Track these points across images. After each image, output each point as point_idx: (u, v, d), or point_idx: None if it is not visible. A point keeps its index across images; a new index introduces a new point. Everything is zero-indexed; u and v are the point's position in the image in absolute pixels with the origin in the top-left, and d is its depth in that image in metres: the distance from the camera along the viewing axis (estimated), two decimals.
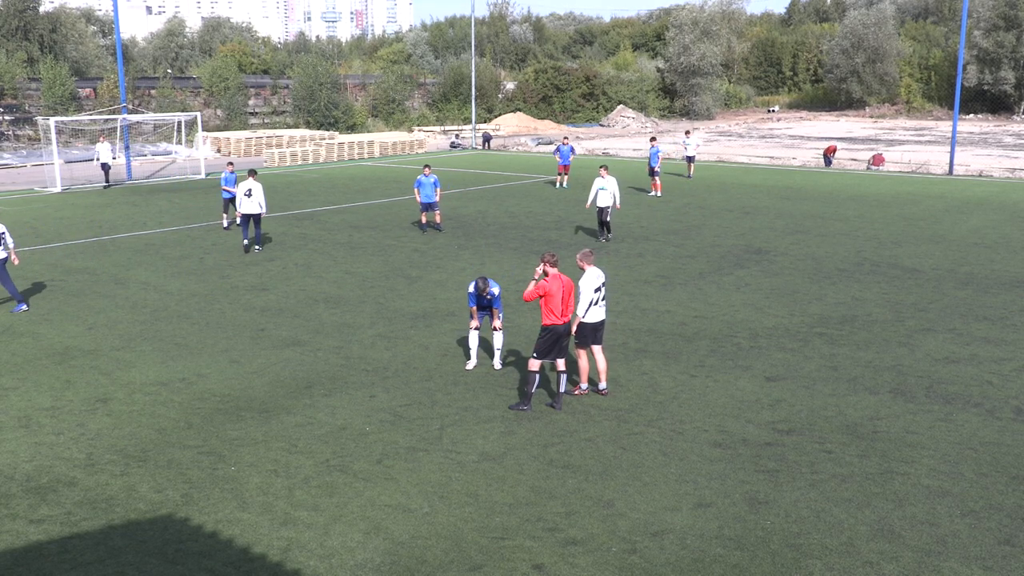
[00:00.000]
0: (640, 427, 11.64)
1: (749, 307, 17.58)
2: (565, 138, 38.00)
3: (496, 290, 13.67)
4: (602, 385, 12.82)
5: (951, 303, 17.91)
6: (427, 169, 25.69)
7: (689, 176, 39.09)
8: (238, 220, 25.61)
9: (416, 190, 25.65)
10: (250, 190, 22.87)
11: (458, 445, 11.09)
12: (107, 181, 36.72)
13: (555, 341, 12.14)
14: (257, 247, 23.27)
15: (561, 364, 12.29)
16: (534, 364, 12.13)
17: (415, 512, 9.41)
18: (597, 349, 12.79)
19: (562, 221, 27.77)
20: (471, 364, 13.96)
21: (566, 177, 36.22)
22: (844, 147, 53.84)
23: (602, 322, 12.79)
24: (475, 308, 13.81)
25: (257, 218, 23.05)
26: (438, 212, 25.90)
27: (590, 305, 12.48)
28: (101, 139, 37.79)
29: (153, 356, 14.65)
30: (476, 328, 13.83)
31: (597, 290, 12.55)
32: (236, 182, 25.92)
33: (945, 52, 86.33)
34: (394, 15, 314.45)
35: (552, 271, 12.14)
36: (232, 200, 25.99)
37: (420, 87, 77.97)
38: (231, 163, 27.25)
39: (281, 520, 9.27)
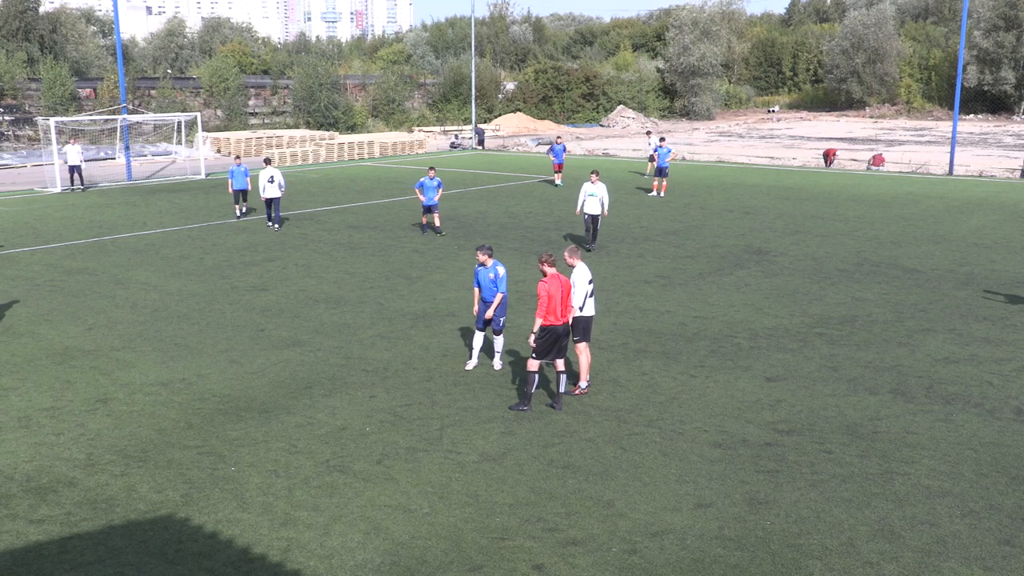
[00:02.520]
0: (640, 427, 11.64)
1: (749, 307, 17.58)
2: (558, 137, 39.15)
3: (501, 270, 13.56)
4: (582, 383, 12.83)
5: (951, 303, 17.91)
6: (431, 171, 25.73)
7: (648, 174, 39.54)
8: (243, 210, 28.66)
9: (417, 191, 25.66)
10: (272, 176, 25.74)
11: (458, 445, 11.09)
12: (77, 183, 35.92)
13: (554, 341, 12.13)
14: (278, 224, 26.27)
15: (560, 364, 12.29)
16: (533, 364, 12.13)
17: (415, 512, 9.41)
18: (583, 346, 12.82)
19: (562, 221, 27.77)
20: (471, 364, 13.96)
21: (560, 175, 36.94)
22: (844, 147, 53.84)
23: (592, 317, 12.91)
24: (478, 289, 13.72)
25: (277, 201, 26.12)
26: (436, 215, 25.91)
27: (586, 297, 12.57)
28: (72, 141, 37.45)
29: (153, 356, 14.65)
30: (481, 327, 13.75)
31: (590, 282, 12.69)
32: (247, 175, 28.20)
33: (945, 52, 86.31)
34: (394, 15, 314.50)
35: (550, 271, 12.13)
36: (242, 192, 28.25)
37: (420, 87, 77.95)
38: (238, 157, 28.48)
39: (281, 520, 9.27)
